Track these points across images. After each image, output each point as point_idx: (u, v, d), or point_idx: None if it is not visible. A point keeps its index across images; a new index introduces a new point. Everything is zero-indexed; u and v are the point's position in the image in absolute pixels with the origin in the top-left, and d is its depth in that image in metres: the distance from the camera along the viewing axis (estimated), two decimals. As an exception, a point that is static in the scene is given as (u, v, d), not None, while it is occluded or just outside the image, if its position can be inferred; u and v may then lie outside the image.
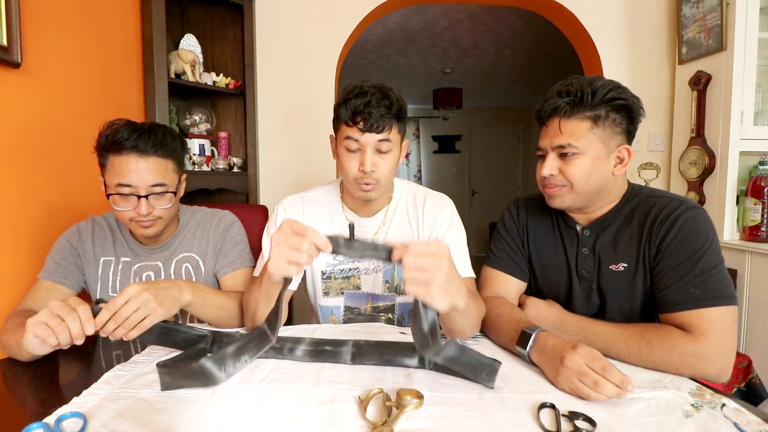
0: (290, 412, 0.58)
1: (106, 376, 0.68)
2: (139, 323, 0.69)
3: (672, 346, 0.69)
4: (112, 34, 1.45)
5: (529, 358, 0.72)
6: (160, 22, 1.58)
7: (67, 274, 0.96)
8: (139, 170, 0.88)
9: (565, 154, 0.81)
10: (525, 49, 3.59)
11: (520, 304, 0.93)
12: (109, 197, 0.89)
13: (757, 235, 1.64)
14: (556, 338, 0.69)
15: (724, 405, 0.58)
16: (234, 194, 1.94)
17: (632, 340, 0.72)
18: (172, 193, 0.94)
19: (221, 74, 1.84)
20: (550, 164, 0.83)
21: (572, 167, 0.81)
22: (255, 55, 1.93)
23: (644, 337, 0.72)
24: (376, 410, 0.58)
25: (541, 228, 0.96)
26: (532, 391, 0.63)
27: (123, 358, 0.76)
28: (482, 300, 0.89)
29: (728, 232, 1.73)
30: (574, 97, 0.79)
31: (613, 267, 0.85)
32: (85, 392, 0.63)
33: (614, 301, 0.86)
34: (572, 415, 0.56)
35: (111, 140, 0.87)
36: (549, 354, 0.67)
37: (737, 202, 1.73)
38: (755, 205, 1.62)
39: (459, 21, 2.99)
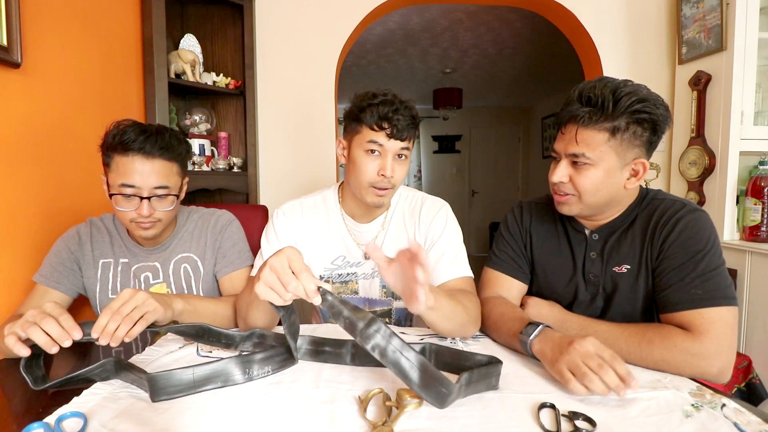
0: (290, 412, 0.58)
1: (106, 376, 0.67)
2: (138, 320, 0.70)
3: (672, 345, 0.69)
4: (112, 34, 1.45)
5: (529, 348, 0.71)
6: (160, 22, 1.58)
7: (62, 279, 0.96)
8: (144, 172, 0.88)
9: (578, 162, 0.80)
10: (525, 49, 3.59)
11: (522, 305, 0.93)
12: (112, 197, 0.90)
13: (757, 235, 1.64)
14: (564, 333, 0.70)
15: (724, 405, 0.58)
16: (234, 194, 1.94)
17: (633, 339, 0.72)
18: (175, 196, 0.94)
19: (221, 74, 1.84)
20: (561, 170, 0.82)
21: (582, 177, 0.79)
22: (255, 55, 1.93)
23: (645, 336, 0.72)
24: (376, 410, 0.58)
25: (546, 232, 0.95)
26: (532, 391, 0.63)
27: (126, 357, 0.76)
28: (479, 300, 0.90)
29: (728, 232, 1.73)
30: (595, 106, 0.76)
31: (616, 269, 0.85)
32: (85, 392, 0.63)
33: (616, 302, 0.86)
34: (572, 415, 0.55)
35: (118, 140, 0.87)
36: (555, 342, 0.67)
37: (737, 202, 1.73)
38: (755, 205, 1.62)
39: (459, 21, 2.99)
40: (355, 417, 0.56)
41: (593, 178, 0.79)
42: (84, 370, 0.65)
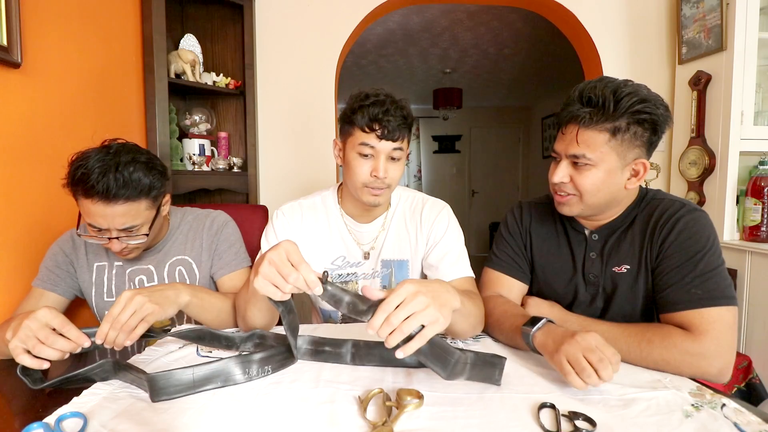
0: (290, 412, 0.58)
1: (106, 376, 0.67)
2: (137, 325, 0.70)
3: (672, 345, 0.69)
4: (112, 34, 1.45)
5: (532, 340, 0.71)
6: (160, 22, 1.58)
7: (58, 282, 0.96)
8: (107, 215, 0.84)
9: (578, 163, 0.80)
10: (525, 49, 3.59)
11: (522, 305, 0.93)
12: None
13: (757, 235, 1.64)
14: (567, 329, 0.69)
15: (724, 405, 0.58)
16: (234, 194, 1.94)
17: (633, 338, 0.72)
18: (147, 231, 0.91)
19: (221, 74, 1.84)
20: (562, 171, 0.82)
21: (583, 177, 0.79)
22: (255, 55, 1.93)
23: (645, 336, 0.72)
24: (376, 410, 0.58)
25: (546, 233, 0.96)
26: (532, 391, 0.63)
27: (123, 357, 0.76)
28: (482, 299, 0.90)
29: (728, 232, 1.73)
30: (595, 106, 0.76)
31: (615, 269, 0.85)
32: (85, 392, 0.63)
33: (616, 302, 0.86)
34: (572, 415, 0.55)
35: (79, 182, 0.82)
36: (558, 334, 0.67)
37: (737, 202, 1.73)
38: (755, 205, 1.62)
39: (459, 21, 2.99)
40: (355, 417, 0.56)
41: (594, 179, 0.79)
42: (82, 369, 0.65)
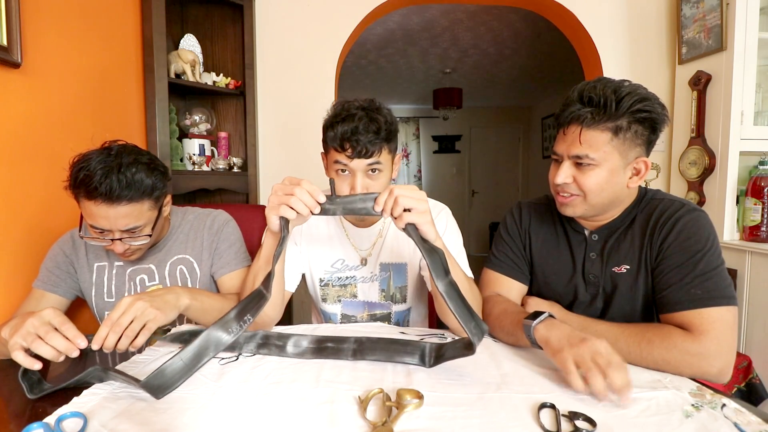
0: (290, 412, 0.58)
1: (106, 376, 0.67)
2: (140, 331, 0.70)
3: (672, 345, 0.69)
4: (112, 34, 1.45)
5: (533, 333, 0.71)
6: (160, 22, 1.58)
7: (59, 282, 0.96)
8: (110, 217, 0.84)
9: (581, 163, 0.79)
10: (525, 49, 3.59)
11: (522, 305, 0.93)
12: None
13: (757, 235, 1.64)
14: (573, 329, 0.69)
15: (724, 405, 0.58)
16: (234, 194, 1.94)
17: (633, 339, 0.72)
18: (150, 232, 0.91)
19: (221, 74, 1.84)
20: (564, 172, 0.81)
21: (587, 178, 0.79)
22: (255, 55, 1.93)
23: (645, 336, 0.71)
24: (376, 410, 0.58)
25: (545, 233, 0.95)
26: (532, 391, 0.63)
27: (123, 358, 0.76)
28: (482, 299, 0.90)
29: (728, 232, 1.73)
30: (597, 106, 0.76)
31: (615, 269, 0.85)
32: (85, 392, 0.63)
33: (616, 303, 0.86)
34: (572, 415, 0.55)
35: (81, 184, 0.82)
36: (563, 332, 0.67)
37: (737, 202, 1.73)
38: (755, 205, 1.62)
39: (459, 21, 2.99)
40: (355, 417, 0.56)
41: (598, 179, 0.79)
42: (73, 380, 0.64)
